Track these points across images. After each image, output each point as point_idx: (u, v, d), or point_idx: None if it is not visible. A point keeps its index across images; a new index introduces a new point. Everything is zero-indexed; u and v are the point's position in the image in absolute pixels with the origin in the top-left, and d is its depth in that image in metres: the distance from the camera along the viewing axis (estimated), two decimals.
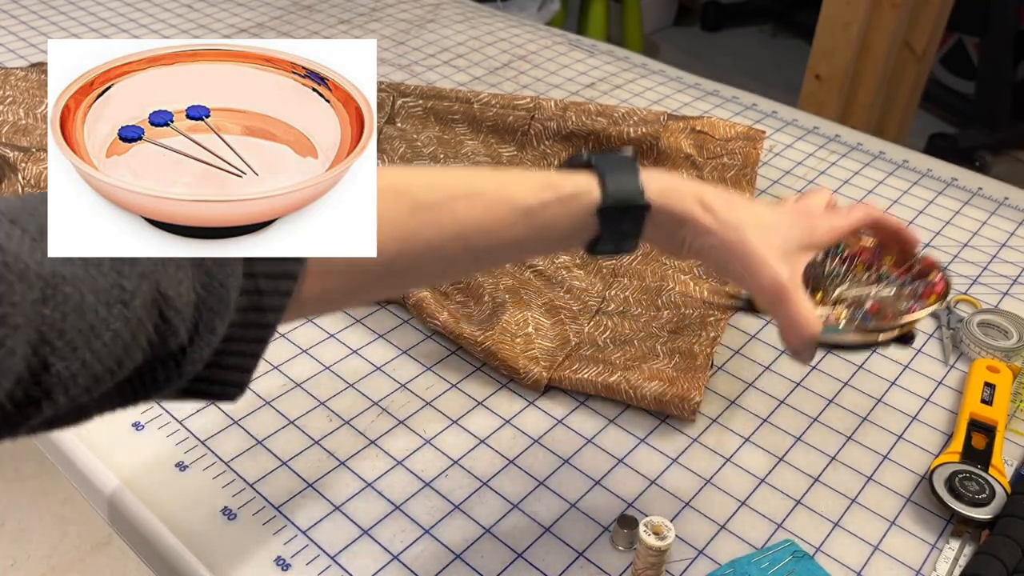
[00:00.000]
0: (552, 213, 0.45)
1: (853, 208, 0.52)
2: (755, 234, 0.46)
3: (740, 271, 0.46)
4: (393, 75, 1.08)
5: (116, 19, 1.18)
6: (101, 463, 0.57)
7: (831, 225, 0.50)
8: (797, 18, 3.15)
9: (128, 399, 0.37)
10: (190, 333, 0.36)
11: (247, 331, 0.39)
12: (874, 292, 0.52)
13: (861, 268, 0.54)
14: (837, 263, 0.54)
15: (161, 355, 0.35)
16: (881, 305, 0.51)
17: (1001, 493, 0.55)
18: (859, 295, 0.52)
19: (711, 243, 0.46)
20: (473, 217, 0.44)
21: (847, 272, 0.54)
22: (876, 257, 0.55)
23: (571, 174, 0.46)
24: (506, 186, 0.45)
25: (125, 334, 0.32)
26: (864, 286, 0.53)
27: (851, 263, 0.55)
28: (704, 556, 0.53)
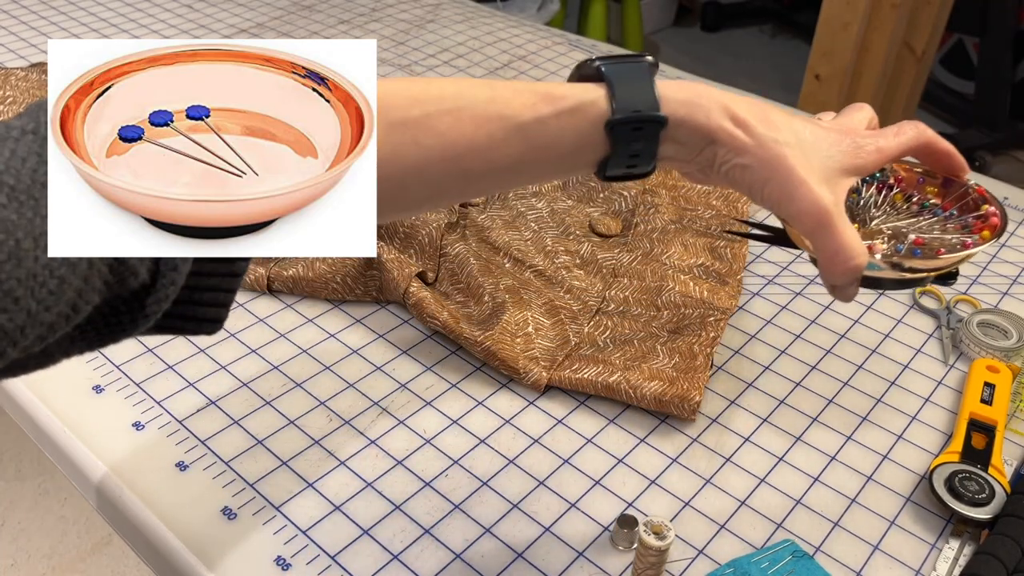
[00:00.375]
0: (552, 129, 0.40)
1: (902, 127, 0.46)
2: (794, 152, 0.41)
3: (777, 194, 0.41)
4: (393, 75, 1.08)
5: (116, 19, 1.18)
6: (101, 463, 0.57)
7: (878, 146, 0.44)
8: (797, 18, 3.15)
9: (94, 342, 0.35)
10: (151, 272, 0.34)
11: (218, 265, 0.38)
12: (918, 224, 0.47)
13: (900, 197, 0.49)
14: (874, 191, 0.49)
15: (123, 295, 0.33)
16: (926, 239, 0.46)
17: (1001, 493, 0.55)
18: (900, 227, 0.47)
19: (744, 162, 0.41)
20: (459, 135, 0.40)
21: (885, 201, 0.49)
22: (917, 186, 0.49)
23: (576, 85, 0.41)
24: (497, 100, 0.40)
25: (74, 279, 0.30)
26: (906, 217, 0.48)
27: (889, 191, 0.49)
28: (704, 556, 0.53)
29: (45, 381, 0.63)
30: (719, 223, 0.80)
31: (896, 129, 0.46)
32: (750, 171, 0.41)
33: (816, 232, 0.41)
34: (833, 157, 0.43)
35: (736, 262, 0.76)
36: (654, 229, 0.79)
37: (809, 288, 0.76)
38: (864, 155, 0.44)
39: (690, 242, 0.77)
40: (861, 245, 0.42)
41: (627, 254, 0.76)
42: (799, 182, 0.41)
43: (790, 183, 0.41)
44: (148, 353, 0.65)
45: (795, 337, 0.71)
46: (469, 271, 0.72)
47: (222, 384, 0.63)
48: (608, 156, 0.41)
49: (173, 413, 0.61)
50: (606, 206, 0.82)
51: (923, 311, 0.75)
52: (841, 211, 0.42)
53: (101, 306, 0.33)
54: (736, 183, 0.43)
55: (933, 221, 0.47)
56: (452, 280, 0.72)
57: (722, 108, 0.41)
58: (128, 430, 0.59)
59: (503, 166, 0.41)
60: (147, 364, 0.64)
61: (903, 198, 0.49)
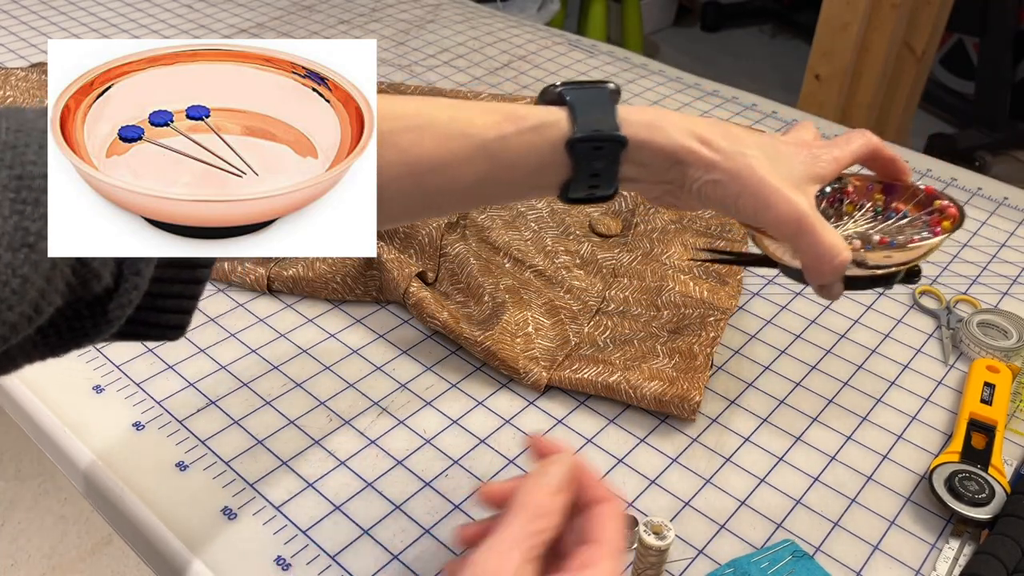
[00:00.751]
0: (514, 148, 0.41)
1: (851, 136, 0.48)
2: (762, 163, 0.42)
3: (752, 204, 0.42)
4: (393, 75, 1.08)
5: (116, 19, 1.18)
6: (101, 463, 0.57)
7: (833, 155, 0.46)
8: (797, 18, 3.15)
9: (56, 347, 0.35)
10: (115, 276, 0.34)
11: (180, 272, 0.38)
12: (878, 228, 0.48)
13: (852, 208, 0.50)
14: (826, 204, 0.50)
15: (86, 298, 0.33)
16: (891, 238, 0.47)
17: (1001, 493, 0.55)
18: (861, 232, 0.48)
19: (715, 178, 0.42)
20: (422, 151, 0.40)
21: (840, 212, 0.50)
22: (867, 194, 0.51)
23: (539, 107, 0.42)
24: (459, 118, 0.41)
25: (36, 279, 0.30)
26: (863, 223, 0.49)
27: (841, 204, 0.51)
28: (704, 556, 0.54)
29: (45, 381, 0.63)
30: (719, 223, 0.80)
31: (846, 138, 0.47)
32: (722, 186, 0.42)
33: (798, 235, 0.42)
34: (796, 167, 0.44)
35: None
36: (654, 229, 0.79)
37: (809, 288, 0.76)
38: (823, 164, 0.45)
39: (690, 242, 0.77)
40: (843, 242, 0.43)
41: (627, 254, 0.76)
42: (772, 189, 0.42)
43: (763, 191, 0.42)
44: (148, 353, 0.65)
45: (795, 337, 0.71)
46: (469, 271, 0.72)
47: (222, 384, 0.63)
48: (570, 177, 0.42)
49: (173, 413, 0.61)
50: (606, 206, 0.82)
51: (923, 311, 0.75)
52: (816, 212, 0.43)
53: (64, 309, 0.33)
54: (709, 200, 0.43)
55: (891, 223, 0.49)
56: (452, 280, 0.72)
57: (685, 129, 0.42)
58: (128, 430, 0.59)
59: (467, 184, 0.41)
60: (147, 364, 0.64)
61: (855, 207, 0.50)
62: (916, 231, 0.48)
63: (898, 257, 0.45)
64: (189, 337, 0.67)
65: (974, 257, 0.81)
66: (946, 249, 0.82)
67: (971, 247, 0.83)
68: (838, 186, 0.51)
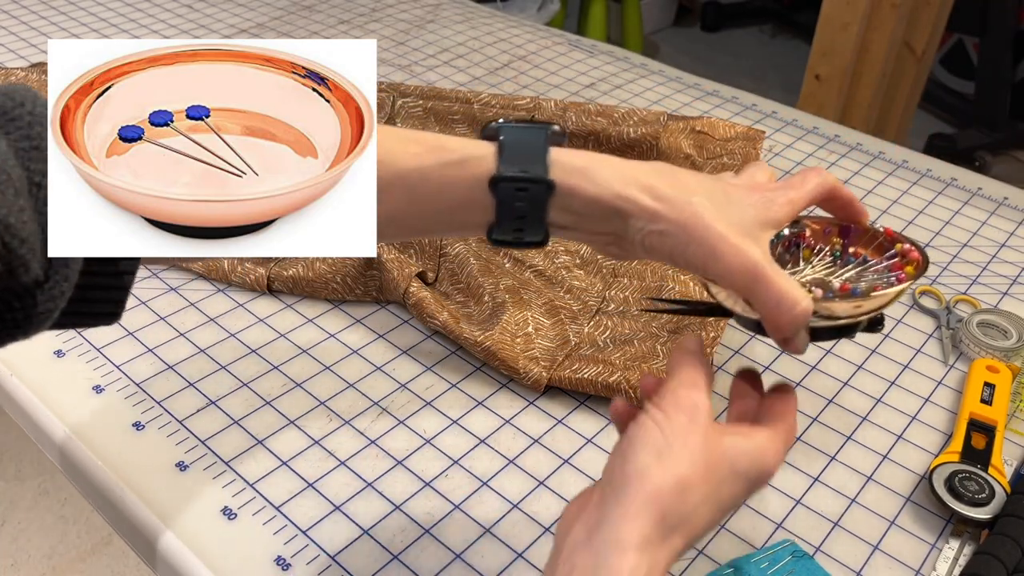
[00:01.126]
0: (435, 181, 0.39)
1: (806, 176, 0.45)
2: (710, 211, 0.39)
3: (701, 256, 0.39)
4: (393, 75, 1.08)
5: (116, 19, 1.18)
6: (101, 463, 0.57)
7: (788, 198, 0.43)
8: (797, 18, 3.15)
9: None
10: (44, 267, 0.34)
11: (104, 265, 0.37)
12: (837, 273, 0.46)
13: (809, 252, 0.48)
14: (781, 249, 0.48)
15: (14, 288, 0.33)
16: (853, 284, 0.45)
17: (1001, 493, 0.55)
18: (821, 279, 0.46)
19: (660, 228, 0.39)
20: None
21: (796, 257, 0.48)
22: (824, 237, 0.48)
23: (468, 140, 0.40)
24: (383, 146, 0.39)
25: None
26: (822, 269, 0.47)
27: (797, 248, 0.48)
28: (704, 556, 0.53)
29: (45, 381, 0.63)
30: None
31: (801, 178, 0.45)
32: (669, 237, 0.40)
33: (751, 287, 0.39)
34: (748, 212, 0.41)
35: None
36: None
37: None
38: (776, 208, 0.42)
39: None
40: (801, 291, 0.40)
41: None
42: (720, 238, 0.39)
43: (711, 241, 0.39)
44: (148, 353, 0.65)
45: None
46: (469, 271, 0.72)
47: (222, 384, 0.63)
48: (495, 218, 0.40)
49: (173, 413, 0.61)
50: None
51: (923, 311, 0.75)
52: (771, 260, 0.40)
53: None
54: (655, 252, 0.41)
55: (851, 268, 0.46)
56: (452, 280, 0.72)
57: (625, 177, 0.40)
58: (128, 430, 0.59)
59: (386, 215, 0.40)
60: (147, 364, 0.64)
61: (812, 252, 0.48)
62: (879, 277, 0.46)
63: (863, 306, 0.43)
64: (189, 337, 0.67)
65: (974, 257, 0.81)
66: (946, 249, 0.82)
67: (971, 247, 0.83)
68: (795, 230, 0.48)
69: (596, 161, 0.40)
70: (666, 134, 0.86)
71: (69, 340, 0.66)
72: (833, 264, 0.47)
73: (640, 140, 0.86)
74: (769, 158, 0.95)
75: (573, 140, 0.88)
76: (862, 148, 0.98)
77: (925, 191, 0.91)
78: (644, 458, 0.37)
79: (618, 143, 0.87)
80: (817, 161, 0.95)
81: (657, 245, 0.40)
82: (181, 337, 0.67)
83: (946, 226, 0.86)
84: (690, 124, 0.90)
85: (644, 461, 0.37)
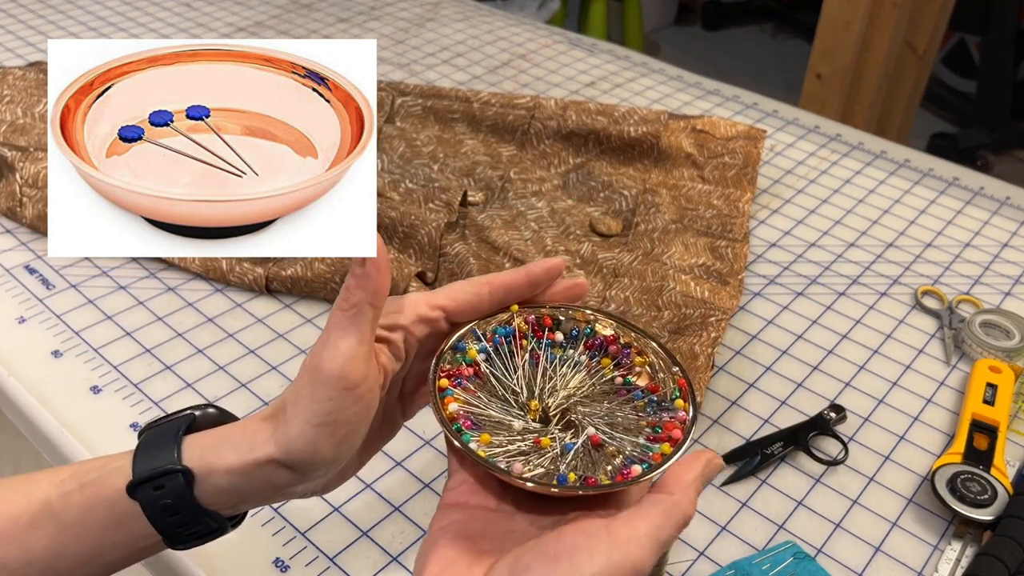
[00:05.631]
0: (78, 504, 0.37)
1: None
2: None
3: None
4: (392, 74, 1.08)
5: (116, 19, 1.18)
6: None
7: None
8: (798, 17, 3.15)
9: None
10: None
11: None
12: (604, 408, 0.40)
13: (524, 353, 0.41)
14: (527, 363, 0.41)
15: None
16: (603, 439, 0.38)
17: (1003, 494, 0.55)
18: (585, 411, 0.40)
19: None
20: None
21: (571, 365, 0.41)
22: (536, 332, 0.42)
23: (113, 456, 0.39)
24: (30, 479, 0.38)
25: None
26: (592, 393, 0.41)
27: (597, 356, 0.42)
28: (705, 557, 0.53)
29: (43, 382, 0.62)
30: (720, 223, 0.80)
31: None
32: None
33: None
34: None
35: (737, 262, 0.76)
36: (655, 229, 0.78)
37: (811, 288, 0.76)
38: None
39: (691, 242, 0.77)
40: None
41: (627, 254, 0.76)
42: None
43: None
44: (146, 353, 0.65)
45: (796, 337, 0.71)
46: (469, 271, 0.72)
47: (221, 385, 0.63)
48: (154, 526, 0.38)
49: None
50: (606, 206, 0.82)
51: (925, 311, 0.74)
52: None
53: None
54: None
55: (619, 405, 0.40)
56: (452, 280, 0.72)
57: (249, 443, 0.38)
58: (126, 431, 0.59)
59: (42, 552, 0.37)
60: (145, 364, 0.64)
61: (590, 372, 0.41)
62: (639, 439, 0.39)
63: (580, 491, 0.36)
64: (187, 337, 0.67)
65: (976, 257, 0.81)
66: (948, 249, 0.82)
67: (973, 247, 0.83)
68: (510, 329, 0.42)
69: (221, 435, 0.38)
70: (667, 133, 0.86)
71: (67, 340, 0.66)
72: (609, 394, 0.41)
73: (641, 139, 0.86)
74: (770, 157, 0.95)
75: (573, 139, 0.87)
76: (863, 147, 0.98)
77: (927, 191, 0.91)
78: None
79: (619, 142, 0.86)
80: (818, 160, 0.95)
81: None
82: (179, 337, 0.67)
83: (948, 226, 0.85)
84: (691, 123, 0.89)
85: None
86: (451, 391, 0.39)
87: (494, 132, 0.89)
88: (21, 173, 0.76)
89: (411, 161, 0.86)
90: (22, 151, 0.77)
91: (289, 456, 0.37)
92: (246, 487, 0.38)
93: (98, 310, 0.69)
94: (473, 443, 0.37)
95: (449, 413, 0.38)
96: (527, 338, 0.42)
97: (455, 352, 0.41)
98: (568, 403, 0.40)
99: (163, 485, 0.37)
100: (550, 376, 0.41)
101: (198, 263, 0.73)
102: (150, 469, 0.37)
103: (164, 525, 0.38)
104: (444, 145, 0.88)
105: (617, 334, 0.42)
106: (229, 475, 0.37)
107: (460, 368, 0.40)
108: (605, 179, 0.85)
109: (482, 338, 0.41)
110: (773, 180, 0.91)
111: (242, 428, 0.38)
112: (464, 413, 0.39)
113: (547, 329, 0.42)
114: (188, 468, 0.37)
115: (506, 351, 0.41)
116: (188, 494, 0.37)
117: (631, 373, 0.42)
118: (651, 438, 0.39)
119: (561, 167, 0.87)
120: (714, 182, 0.85)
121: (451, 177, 0.84)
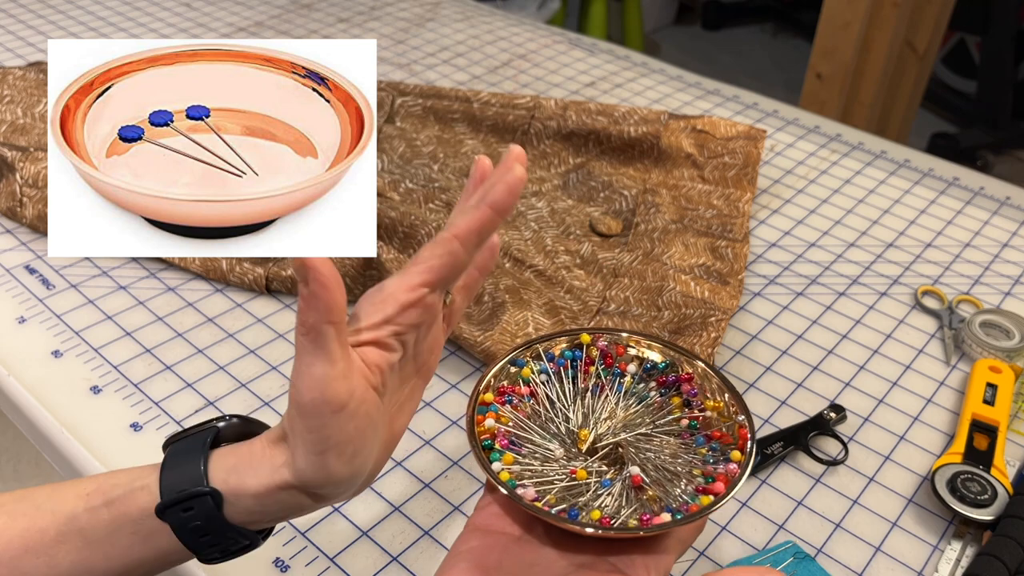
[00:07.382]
0: (105, 521, 0.37)
1: None
2: None
3: None
4: (392, 74, 1.08)
5: (116, 19, 1.18)
6: (99, 464, 0.57)
7: None
8: (798, 17, 3.15)
9: None
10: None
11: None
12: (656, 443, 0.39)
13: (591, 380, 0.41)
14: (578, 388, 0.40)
15: None
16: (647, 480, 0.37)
17: (1003, 494, 0.55)
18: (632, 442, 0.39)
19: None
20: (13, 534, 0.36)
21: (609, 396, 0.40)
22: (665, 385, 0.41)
23: (135, 470, 0.38)
24: (55, 495, 0.38)
25: None
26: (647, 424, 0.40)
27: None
28: (705, 557, 0.53)
29: (43, 382, 0.62)
30: (720, 223, 0.80)
31: None
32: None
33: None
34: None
35: (737, 262, 0.76)
36: (655, 229, 0.78)
37: (811, 288, 0.76)
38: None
39: (691, 242, 0.77)
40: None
41: (628, 254, 0.76)
42: None
43: None
44: (146, 353, 0.65)
45: (797, 337, 0.71)
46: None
47: (221, 385, 0.63)
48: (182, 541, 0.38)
49: (172, 414, 0.60)
50: (606, 205, 0.82)
51: (925, 311, 0.74)
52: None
53: None
54: None
55: (671, 445, 0.39)
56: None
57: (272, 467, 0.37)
58: (126, 431, 0.59)
59: (68, 567, 0.37)
60: (145, 365, 0.64)
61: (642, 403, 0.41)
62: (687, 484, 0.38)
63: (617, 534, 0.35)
64: (186, 337, 0.67)
65: (976, 257, 0.81)
66: (948, 249, 0.82)
67: (973, 247, 0.83)
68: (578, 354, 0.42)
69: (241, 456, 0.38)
70: (667, 133, 0.86)
71: (67, 340, 0.66)
72: (664, 425, 0.40)
73: (641, 139, 0.86)
74: (771, 157, 0.95)
75: (574, 139, 0.87)
76: (864, 147, 0.98)
77: (927, 191, 0.91)
78: None
79: (619, 142, 0.86)
80: (819, 160, 0.95)
81: None
82: (179, 337, 0.67)
83: (948, 226, 0.85)
84: (691, 123, 0.89)
85: None
86: (496, 407, 0.39)
87: (494, 132, 0.89)
88: (21, 173, 0.76)
89: (411, 161, 0.86)
90: (22, 151, 0.77)
91: (305, 484, 0.36)
92: (273, 508, 0.37)
93: (98, 310, 0.69)
94: (497, 464, 0.37)
95: (484, 429, 0.37)
96: (595, 364, 0.41)
97: (512, 366, 0.40)
98: (620, 438, 0.39)
99: (192, 507, 0.36)
100: (612, 409, 0.40)
101: (198, 263, 0.73)
102: (178, 492, 0.36)
103: (196, 545, 0.37)
104: (444, 145, 0.88)
105: (692, 374, 0.41)
106: (255, 499, 0.37)
107: (516, 386, 0.40)
108: (605, 179, 0.85)
109: (543, 357, 0.41)
110: (773, 180, 0.91)
111: (261, 450, 0.38)
112: (504, 432, 0.38)
113: (619, 359, 0.42)
114: (217, 490, 0.36)
115: (571, 376, 0.41)
116: (219, 516, 0.37)
117: (698, 417, 0.41)
118: (700, 489, 0.38)
119: (561, 167, 0.87)
120: (714, 182, 0.85)
121: (451, 177, 0.84)
